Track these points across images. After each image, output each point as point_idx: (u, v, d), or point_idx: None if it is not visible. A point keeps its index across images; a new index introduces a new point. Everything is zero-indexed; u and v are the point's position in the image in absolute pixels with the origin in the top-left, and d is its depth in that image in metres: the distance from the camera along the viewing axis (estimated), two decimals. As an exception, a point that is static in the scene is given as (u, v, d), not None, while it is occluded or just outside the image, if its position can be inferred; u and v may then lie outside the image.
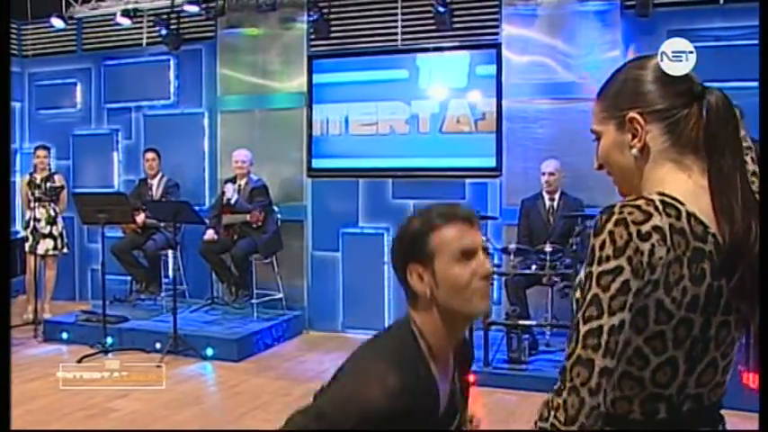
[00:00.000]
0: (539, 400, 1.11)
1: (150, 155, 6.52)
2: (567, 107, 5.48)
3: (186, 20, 6.90)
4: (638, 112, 1.16)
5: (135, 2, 6.86)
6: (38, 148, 6.65)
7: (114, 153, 7.33)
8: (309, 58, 6.40)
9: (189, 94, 6.97)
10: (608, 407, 1.14)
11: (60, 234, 6.47)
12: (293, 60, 6.46)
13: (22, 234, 6.59)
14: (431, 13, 5.90)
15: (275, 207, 6.28)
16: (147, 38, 7.07)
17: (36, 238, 6.28)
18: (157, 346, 5.36)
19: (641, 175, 1.18)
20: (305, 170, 6.43)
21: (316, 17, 6.21)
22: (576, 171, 5.24)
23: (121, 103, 7.26)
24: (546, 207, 5.33)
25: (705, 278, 1.08)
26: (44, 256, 6.38)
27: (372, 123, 6.19)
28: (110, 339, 5.50)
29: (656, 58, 1.18)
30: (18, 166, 7.47)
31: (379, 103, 6.15)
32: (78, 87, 7.52)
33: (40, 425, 3.97)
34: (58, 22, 6.99)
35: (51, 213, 6.41)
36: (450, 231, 1.34)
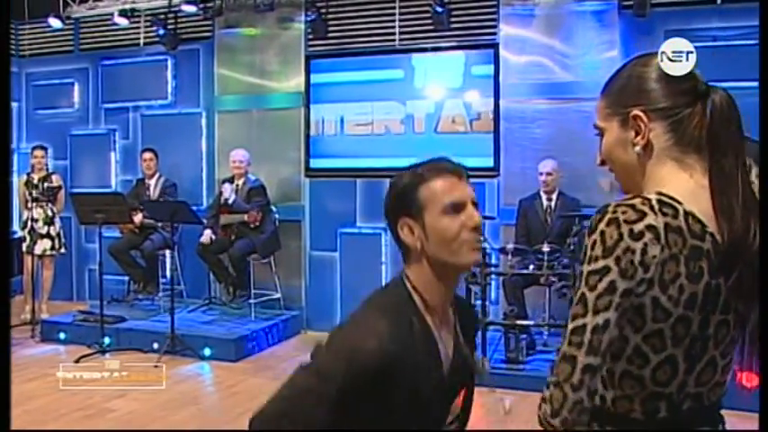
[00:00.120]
0: (536, 400, 1.12)
1: (148, 155, 6.51)
2: (565, 107, 5.48)
3: (184, 20, 6.88)
4: (641, 110, 1.16)
5: (132, 2, 6.85)
6: (35, 148, 6.65)
7: (112, 153, 7.31)
8: (307, 57, 6.40)
9: (186, 94, 6.96)
10: (609, 406, 1.16)
11: (58, 234, 6.46)
12: (291, 60, 6.45)
13: (20, 234, 6.57)
14: (428, 14, 5.90)
15: (273, 207, 6.27)
16: (145, 38, 7.05)
17: (33, 238, 6.27)
18: (155, 346, 5.35)
19: (644, 173, 1.18)
20: (302, 170, 6.43)
21: (313, 17, 6.20)
22: (574, 171, 5.26)
23: (119, 102, 7.24)
24: (543, 207, 5.34)
25: (703, 276, 1.09)
26: (41, 256, 6.37)
27: (368, 123, 6.20)
28: (107, 339, 5.49)
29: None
30: (15, 166, 7.43)
31: (375, 103, 6.15)
32: (76, 87, 7.51)
33: (38, 425, 3.97)
34: (55, 22, 6.97)
35: (49, 213, 6.40)
36: (439, 184, 1.34)
